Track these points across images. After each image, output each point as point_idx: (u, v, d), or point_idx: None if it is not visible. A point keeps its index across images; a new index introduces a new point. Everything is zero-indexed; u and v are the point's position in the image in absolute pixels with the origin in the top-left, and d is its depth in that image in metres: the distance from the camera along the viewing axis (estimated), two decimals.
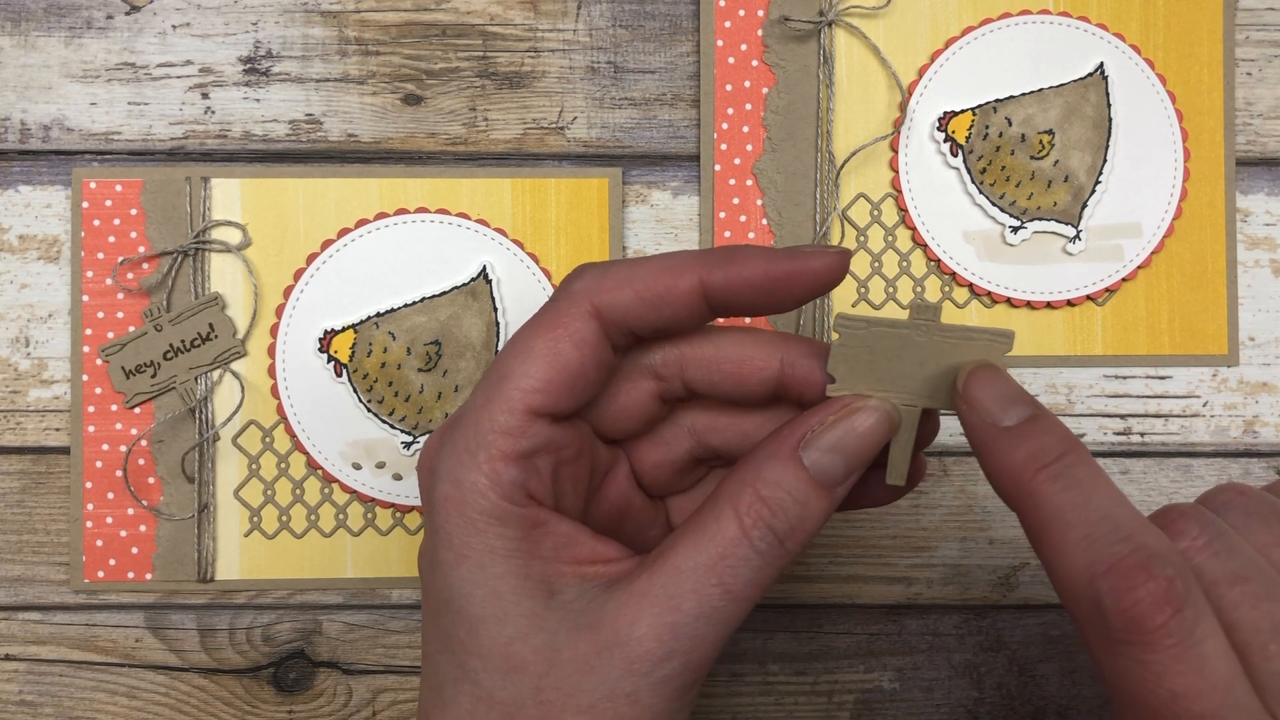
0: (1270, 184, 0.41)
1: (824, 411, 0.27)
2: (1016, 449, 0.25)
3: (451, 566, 0.26)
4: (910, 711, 0.40)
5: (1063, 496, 0.24)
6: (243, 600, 0.39)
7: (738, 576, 0.26)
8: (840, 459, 0.27)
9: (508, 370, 0.27)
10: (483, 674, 0.26)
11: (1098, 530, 0.24)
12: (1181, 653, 0.22)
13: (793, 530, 0.26)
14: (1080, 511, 0.24)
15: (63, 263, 0.39)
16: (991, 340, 0.27)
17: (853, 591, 0.40)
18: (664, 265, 0.27)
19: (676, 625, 0.25)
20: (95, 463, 0.39)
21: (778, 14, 0.39)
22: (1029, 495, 0.25)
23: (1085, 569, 0.23)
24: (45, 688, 0.39)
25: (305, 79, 0.40)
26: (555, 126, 0.40)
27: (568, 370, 0.27)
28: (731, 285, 0.27)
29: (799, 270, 0.27)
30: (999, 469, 0.26)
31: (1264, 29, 0.41)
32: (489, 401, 0.27)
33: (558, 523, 0.27)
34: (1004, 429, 0.26)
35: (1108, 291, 0.40)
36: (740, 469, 0.27)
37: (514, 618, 0.26)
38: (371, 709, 0.39)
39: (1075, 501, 0.24)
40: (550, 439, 0.27)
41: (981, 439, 0.26)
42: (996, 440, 0.26)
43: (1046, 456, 0.25)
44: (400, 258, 0.39)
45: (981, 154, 0.40)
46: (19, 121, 0.40)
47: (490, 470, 0.26)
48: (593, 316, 0.27)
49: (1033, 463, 0.25)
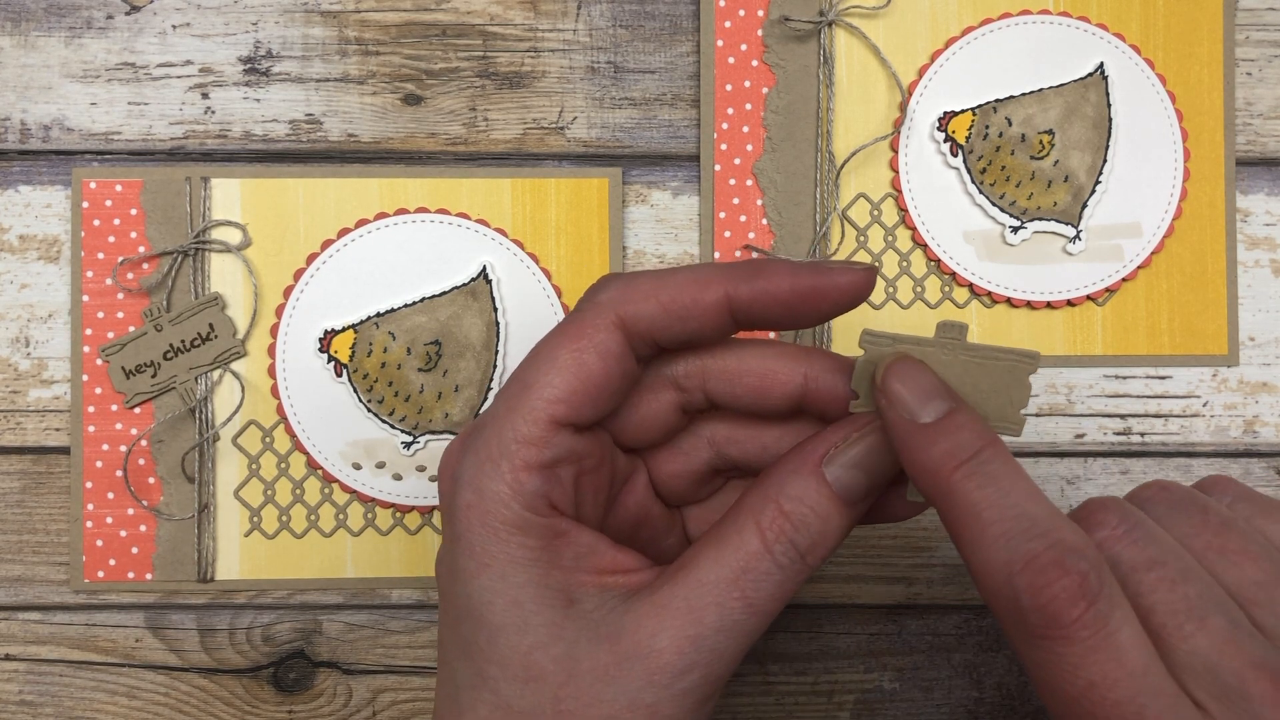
0: (1270, 184, 0.41)
1: (847, 428, 0.27)
2: (934, 445, 0.25)
3: (473, 575, 0.26)
4: (910, 711, 0.40)
5: (979, 494, 0.24)
6: (243, 600, 0.39)
7: (759, 590, 0.26)
8: (863, 476, 0.27)
9: (531, 380, 0.27)
10: (501, 682, 0.26)
11: (1014, 527, 0.24)
12: (1097, 644, 0.23)
13: (814, 545, 0.26)
14: (996, 509, 0.24)
15: (63, 263, 0.39)
16: (1017, 361, 0.27)
17: (853, 591, 0.40)
18: (690, 278, 0.27)
19: (698, 638, 0.25)
20: (95, 463, 0.39)
21: (778, 14, 0.40)
22: (946, 492, 0.25)
23: (1003, 566, 0.23)
24: (45, 688, 0.39)
25: (305, 79, 0.40)
26: (555, 126, 0.40)
27: (591, 381, 0.27)
28: (757, 299, 0.27)
29: (825, 286, 0.27)
30: (916, 465, 0.26)
31: (1264, 29, 0.41)
32: (512, 411, 0.27)
33: (579, 533, 0.27)
34: (921, 425, 0.26)
35: (1108, 291, 0.40)
36: (763, 483, 0.27)
37: (534, 627, 0.26)
38: (371, 709, 0.39)
39: (991, 499, 0.24)
40: (572, 449, 0.27)
41: (900, 435, 0.26)
42: (914, 436, 0.26)
43: (963, 453, 0.25)
44: (400, 258, 0.39)
45: (981, 154, 0.40)
46: (19, 121, 0.40)
47: (513, 479, 0.26)
48: (617, 328, 0.27)
49: (949, 460, 0.25)
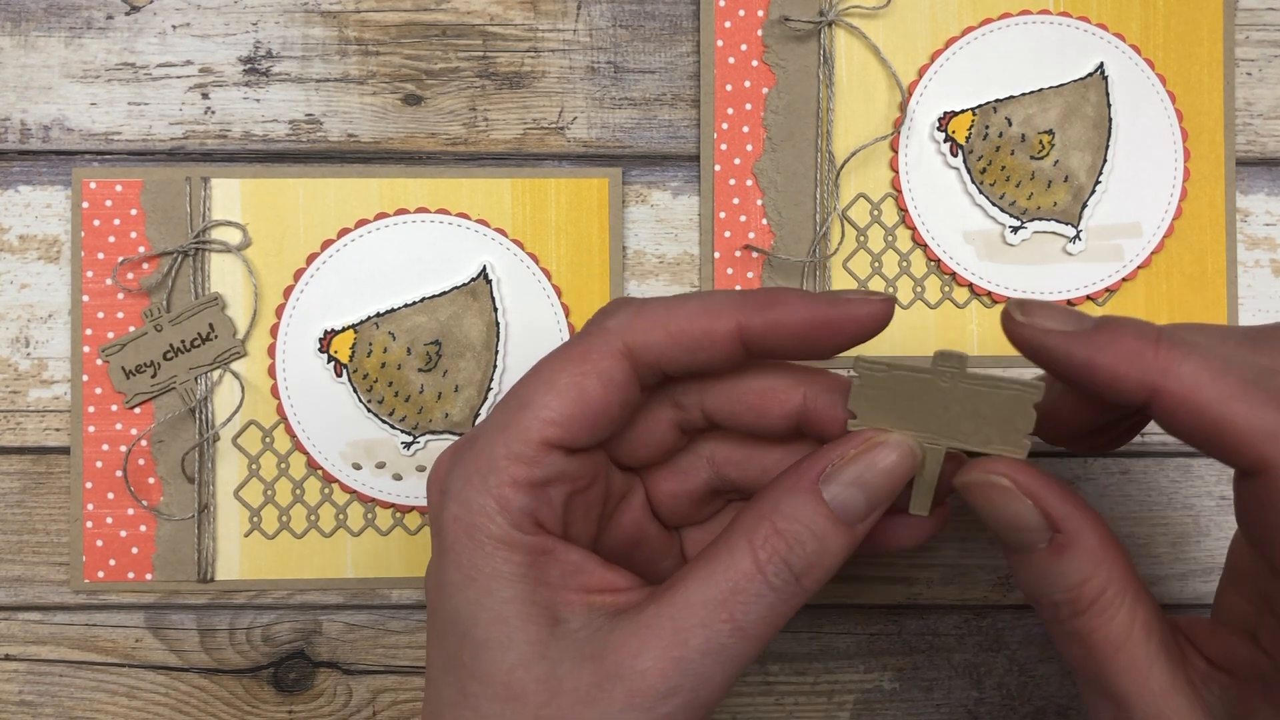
0: (1270, 184, 0.41)
1: (844, 446, 0.26)
2: (1120, 337, 0.24)
3: (458, 588, 0.26)
4: (910, 711, 0.40)
5: (1194, 359, 0.23)
6: (243, 600, 0.39)
7: (749, 613, 0.25)
8: (862, 494, 0.26)
9: (529, 399, 0.26)
10: (483, 700, 0.25)
11: (1249, 373, 0.23)
12: None
13: (810, 567, 0.25)
14: (1222, 364, 0.23)
15: (63, 263, 0.39)
16: (1020, 391, 0.26)
17: (853, 591, 0.40)
18: (702, 308, 0.27)
19: (682, 660, 0.25)
20: (95, 463, 0.39)
21: (778, 14, 0.40)
22: (1160, 369, 0.23)
23: (1264, 408, 0.22)
24: (45, 688, 0.39)
25: (305, 79, 0.40)
26: (555, 126, 0.40)
27: (590, 407, 0.26)
28: (771, 331, 0.26)
29: (842, 318, 0.26)
30: (1114, 360, 0.24)
31: (1264, 29, 0.41)
32: (505, 427, 0.26)
33: (565, 550, 0.27)
34: (1094, 330, 0.24)
35: (1108, 291, 0.40)
36: (757, 501, 0.26)
37: (518, 644, 0.25)
38: (371, 709, 0.39)
39: (1210, 358, 0.23)
40: (564, 470, 0.27)
41: (1077, 347, 0.24)
42: (1094, 340, 0.24)
43: (1151, 332, 0.24)
44: (400, 258, 0.39)
45: (981, 154, 0.40)
46: (19, 121, 0.40)
47: (500, 495, 0.26)
48: (624, 356, 0.27)
49: (1144, 340, 0.24)
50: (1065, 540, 0.25)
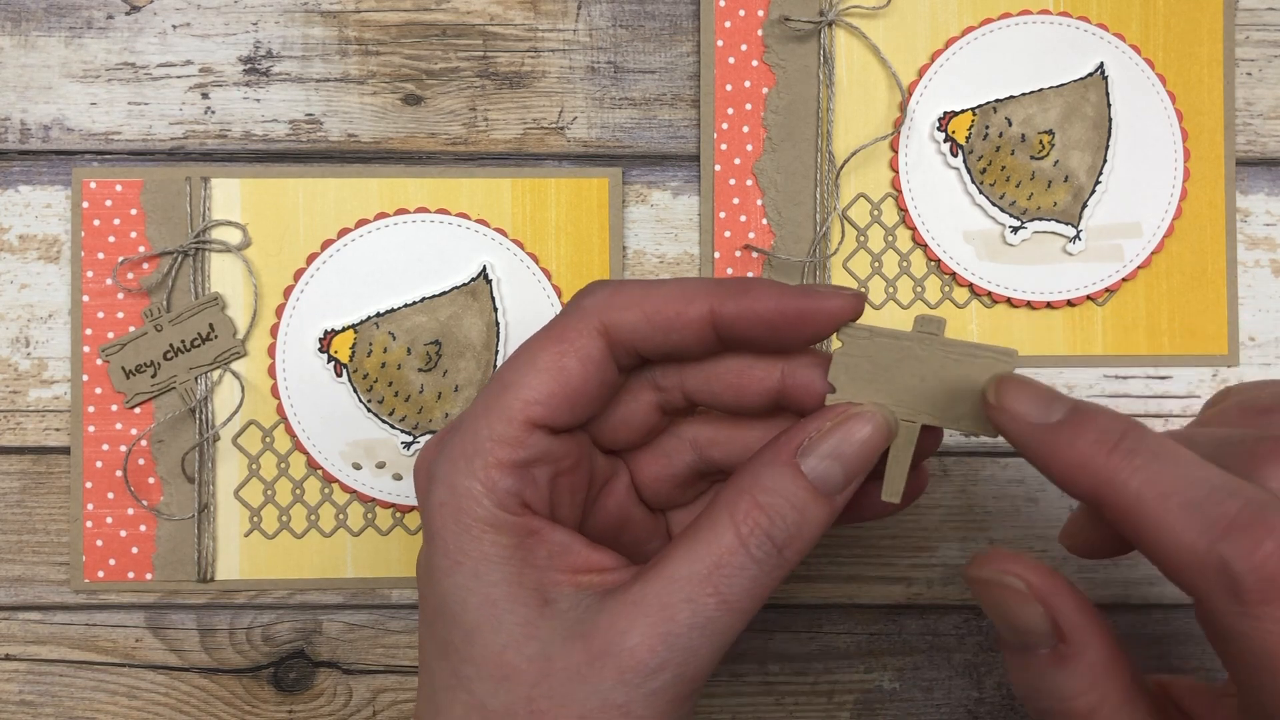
0: (1270, 184, 0.41)
1: (821, 419, 0.27)
2: (1078, 438, 0.24)
3: (446, 572, 0.26)
4: (910, 711, 0.40)
5: (1146, 471, 0.23)
6: (243, 600, 0.39)
7: (733, 586, 0.25)
8: (839, 466, 0.26)
9: (510, 380, 0.27)
10: (475, 682, 0.26)
11: (1197, 494, 0.22)
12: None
13: (791, 539, 0.26)
14: (1169, 481, 0.23)
15: (63, 263, 0.39)
16: (995, 358, 0.27)
17: (853, 591, 0.40)
18: (677, 290, 0.27)
19: (669, 635, 0.25)
20: (95, 463, 0.39)
21: (778, 14, 0.40)
22: (1107, 480, 0.23)
23: (1200, 536, 0.22)
24: (45, 688, 0.39)
25: (305, 79, 0.40)
26: (555, 126, 0.40)
27: (570, 385, 0.27)
28: (742, 317, 0.27)
29: (811, 310, 0.27)
30: (1067, 463, 0.24)
31: (1264, 29, 0.41)
32: (488, 410, 0.27)
33: (552, 531, 0.27)
34: (1056, 425, 0.25)
35: (1108, 291, 0.40)
36: (738, 477, 0.27)
37: (507, 625, 0.26)
38: (371, 709, 0.39)
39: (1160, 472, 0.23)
40: (548, 450, 0.27)
41: (1036, 442, 0.25)
42: (1053, 437, 0.24)
43: (1111, 437, 0.24)
44: (400, 258, 0.39)
45: (981, 154, 0.40)
46: (19, 121, 0.40)
47: (485, 477, 0.26)
48: (600, 334, 0.27)
49: (1100, 447, 0.24)
50: (1069, 651, 0.25)
